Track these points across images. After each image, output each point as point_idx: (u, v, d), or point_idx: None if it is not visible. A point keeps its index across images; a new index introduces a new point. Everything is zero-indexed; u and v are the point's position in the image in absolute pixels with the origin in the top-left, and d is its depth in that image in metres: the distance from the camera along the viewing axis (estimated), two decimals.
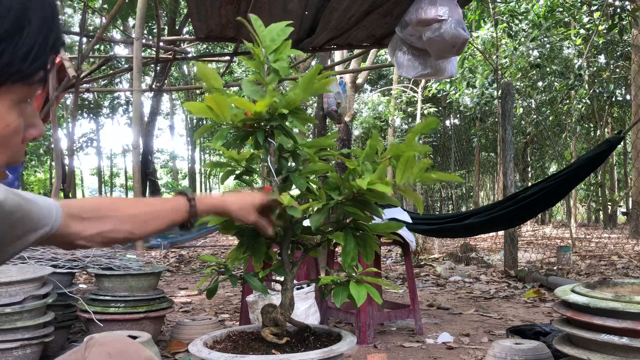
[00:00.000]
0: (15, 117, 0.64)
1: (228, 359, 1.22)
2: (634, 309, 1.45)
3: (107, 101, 18.16)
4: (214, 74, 1.28)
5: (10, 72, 0.60)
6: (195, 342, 1.36)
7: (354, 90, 9.55)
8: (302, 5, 3.73)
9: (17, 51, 0.59)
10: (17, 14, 0.59)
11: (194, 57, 7.43)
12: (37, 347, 2.42)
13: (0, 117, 0.62)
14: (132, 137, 4.09)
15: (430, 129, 1.27)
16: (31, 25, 0.60)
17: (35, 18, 0.60)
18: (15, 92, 0.62)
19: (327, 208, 1.28)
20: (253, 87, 1.32)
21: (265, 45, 1.29)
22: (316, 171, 1.37)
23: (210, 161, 3.14)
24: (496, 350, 2.08)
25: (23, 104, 0.64)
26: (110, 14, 4.47)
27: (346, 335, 1.38)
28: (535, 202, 3.52)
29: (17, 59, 0.59)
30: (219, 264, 1.41)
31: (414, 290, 3.31)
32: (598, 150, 3.21)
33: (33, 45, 0.60)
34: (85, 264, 2.92)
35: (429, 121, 1.27)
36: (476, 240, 9.62)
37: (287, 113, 1.27)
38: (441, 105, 14.80)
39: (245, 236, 1.36)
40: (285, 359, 1.21)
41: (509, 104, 5.44)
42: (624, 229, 12.01)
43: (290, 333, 1.41)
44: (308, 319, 2.83)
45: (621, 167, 18.53)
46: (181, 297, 4.78)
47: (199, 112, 1.27)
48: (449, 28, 3.23)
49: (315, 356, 1.22)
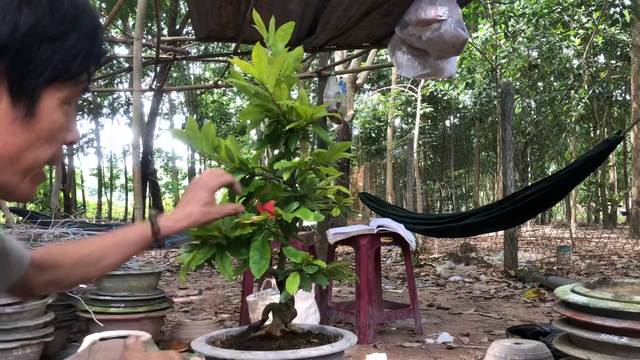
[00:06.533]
0: (61, 115, 0.69)
1: (233, 354, 1.22)
2: (634, 308, 1.45)
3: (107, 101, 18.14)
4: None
5: (62, 69, 0.66)
6: (198, 339, 1.37)
7: (354, 90, 9.56)
8: (302, 5, 3.73)
9: (69, 51, 0.66)
10: (71, 18, 0.67)
11: (194, 57, 7.43)
12: (37, 347, 2.42)
13: (49, 113, 0.67)
14: (132, 137, 4.09)
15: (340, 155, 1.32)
16: (81, 30, 0.68)
17: (85, 25, 0.68)
18: (63, 90, 0.68)
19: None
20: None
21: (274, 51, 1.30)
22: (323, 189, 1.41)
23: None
24: (496, 350, 2.08)
25: (67, 107, 0.70)
26: (110, 14, 4.47)
27: (346, 334, 1.38)
28: (535, 202, 3.53)
29: (69, 58, 0.67)
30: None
31: (413, 290, 3.31)
32: (598, 150, 3.21)
33: (82, 48, 0.68)
34: None
35: (339, 145, 1.30)
36: (476, 240, 9.63)
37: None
38: (440, 105, 14.81)
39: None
40: (289, 355, 1.21)
41: (508, 104, 5.45)
42: (623, 229, 12.01)
43: (291, 331, 1.41)
44: (308, 319, 2.83)
45: (621, 167, 18.53)
46: (181, 297, 4.78)
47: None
48: (449, 28, 3.23)
49: (317, 353, 1.23)
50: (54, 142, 0.70)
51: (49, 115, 0.67)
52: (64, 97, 0.68)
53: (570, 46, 10.32)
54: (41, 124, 0.67)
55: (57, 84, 0.67)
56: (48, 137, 0.68)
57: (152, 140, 12.58)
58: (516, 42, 10.04)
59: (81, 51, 0.67)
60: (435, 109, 14.68)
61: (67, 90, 0.68)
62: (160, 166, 28.80)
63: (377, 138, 16.43)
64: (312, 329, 1.49)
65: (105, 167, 27.81)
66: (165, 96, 18.54)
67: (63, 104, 0.69)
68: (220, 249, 1.27)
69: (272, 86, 1.25)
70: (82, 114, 15.75)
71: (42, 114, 0.67)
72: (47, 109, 0.67)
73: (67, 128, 0.72)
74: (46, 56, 0.64)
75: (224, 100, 21.98)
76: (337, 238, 3.31)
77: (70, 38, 0.66)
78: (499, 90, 6.39)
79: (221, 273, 1.26)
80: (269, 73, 1.24)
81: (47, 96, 0.67)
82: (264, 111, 1.31)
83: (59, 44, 0.65)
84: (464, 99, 11.52)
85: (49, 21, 0.64)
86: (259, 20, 1.30)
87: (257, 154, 1.42)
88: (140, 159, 5.05)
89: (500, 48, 9.86)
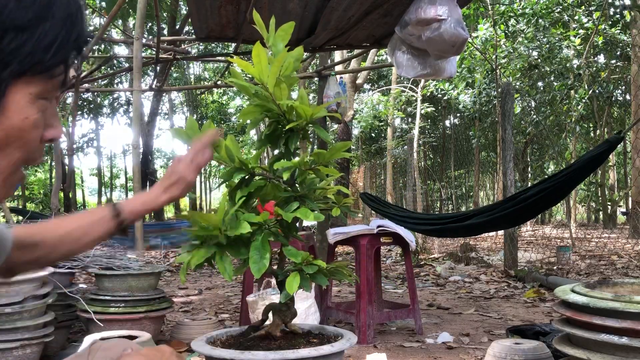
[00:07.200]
0: (35, 112, 0.63)
1: (233, 354, 1.22)
2: (634, 308, 1.45)
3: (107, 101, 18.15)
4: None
5: (32, 62, 0.60)
6: (198, 339, 1.37)
7: (354, 90, 9.56)
8: (302, 5, 3.73)
9: (40, 42, 0.60)
10: (41, 5, 0.60)
11: (194, 57, 7.43)
12: (37, 347, 2.42)
13: (19, 109, 0.62)
14: (132, 137, 4.09)
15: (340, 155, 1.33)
16: (54, 18, 0.61)
17: (59, 12, 0.61)
18: (35, 84, 0.62)
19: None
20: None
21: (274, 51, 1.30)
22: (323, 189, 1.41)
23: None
24: (496, 350, 2.08)
25: (43, 101, 0.65)
26: (110, 14, 4.47)
27: (346, 334, 1.38)
28: (536, 203, 3.52)
29: (39, 49, 0.60)
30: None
31: (413, 290, 3.31)
32: (598, 151, 3.21)
33: (55, 38, 0.61)
34: (85, 264, 2.92)
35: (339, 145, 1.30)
36: (476, 240, 9.62)
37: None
38: (440, 105, 14.81)
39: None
40: (289, 355, 1.22)
41: (508, 104, 5.44)
42: (623, 229, 12.01)
43: (291, 331, 1.41)
44: (308, 318, 2.83)
45: (621, 167, 18.53)
46: (181, 297, 4.78)
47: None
48: (449, 28, 3.23)
49: (317, 353, 1.23)
50: (27, 140, 0.64)
51: (19, 112, 0.62)
52: (38, 92, 0.63)
53: (570, 46, 10.33)
54: (10, 120, 0.61)
55: (27, 78, 0.61)
56: (19, 135, 0.63)
57: (152, 140, 12.58)
58: (516, 42, 10.04)
59: (55, 41, 0.61)
60: (435, 109, 14.68)
61: (40, 84, 0.62)
62: (160, 166, 28.79)
63: (377, 138, 16.44)
64: (312, 329, 1.49)
65: (105, 167, 27.83)
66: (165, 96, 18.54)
67: (37, 99, 0.63)
68: (220, 248, 1.27)
69: (272, 86, 1.25)
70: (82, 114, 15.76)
71: (10, 110, 0.61)
72: (17, 105, 0.61)
73: (47, 125, 0.66)
74: (11, 48, 0.58)
75: (224, 100, 21.99)
76: (337, 238, 3.31)
77: (40, 27, 0.59)
78: (499, 90, 6.40)
79: (221, 273, 1.26)
80: (269, 73, 1.24)
81: (15, 91, 0.61)
82: (264, 111, 1.31)
83: (27, 33, 0.59)
84: (464, 98, 11.52)
85: (14, 7, 0.58)
86: (259, 20, 1.30)
87: (257, 154, 1.41)
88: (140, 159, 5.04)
89: (500, 48, 9.87)
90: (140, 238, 3.45)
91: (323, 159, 1.32)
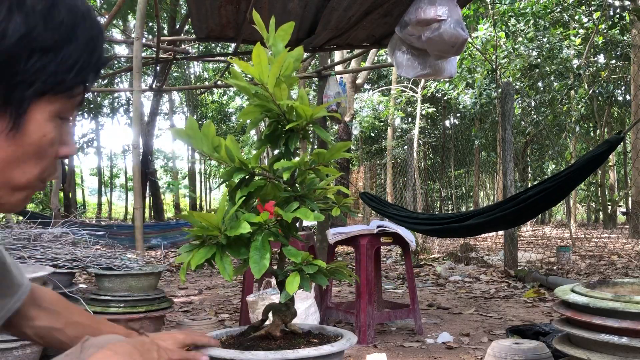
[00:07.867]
0: (52, 129, 0.65)
1: (233, 354, 1.22)
2: (634, 308, 1.45)
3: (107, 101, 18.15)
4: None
5: (54, 82, 0.62)
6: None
7: (354, 90, 9.56)
8: (302, 5, 3.73)
9: (63, 63, 0.62)
10: (67, 28, 0.62)
11: (194, 57, 7.43)
12: (37, 347, 2.42)
13: (38, 127, 0.64)
14: (132, 137, 4.09)
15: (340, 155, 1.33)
16: (78, 41, 0.63)
17: (83, 35, 0.64)
18: (55, 103, 0.64)
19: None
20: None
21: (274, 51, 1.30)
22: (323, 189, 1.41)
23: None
24: (496, 350, 2.08)
25: (60, 120, 0.67)
26: (110, 14, 4.47)
27: (346, 334, 1.38)
28: (536, 203, 3.53)
29: (62, 70, 0.62)
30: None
31: (413, 290, 3.31)
32: (598, 151, 3.21)
33: (78, 60, 0.64)
34: (85, 264, 2.92)
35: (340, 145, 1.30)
36: (476, 240, 9.63)
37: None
38: (440, 105, 14.81)
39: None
40: (289, 355, 1.22)
41: (508, 104, 5.45)
42: (623, 229, 12.01)
43: (291, 331, 1.41)
44: (308, 319, 2.84)
45: (621, 167, 18.54)
46: (181, 297, 4.78)
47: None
48: (448, 28, 3.24)
49: (317, 353, 1.23)
50: (44, 157, 0.66)
51: (38, 129, 0.64)
52: (57, 111, 0.65)
53: (571, 46, 10.33)
54: (29, 137, 0.63)
55: (48, 97, 0.63)
56: (37, 152, 0.65)
57: (152, 140, 12.59)
58: (516, 42, 10.04)
59: (77, 63, 0.63)
60: (436, 109, 14.69)
61: (60, 103, 0.65)
62: (160, 166, 28.81)
63: (377, 138, 16.44)
64: (312, 329, 1.49)
65: (105, 166, 27.83)
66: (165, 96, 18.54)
67: (55, 118, 0.65)
68: (220, 248, 1.27)
69: (272, 86, 1.25)
70: (82, 113, 15.76)
71: (30, 128, 0.63)
72: (36, 123, 0.63)
73: (60, 142, 0.68)
74: (36, 68, 0.60)
75: (224, 100, 21.99)
76: (337, 238, 3.31)
77: (65, 49, 0.62)
78: (499, 90, 6.40)
79: (221, 273, 1.26)
80: (269, 73, 1.24)
81: (36, 109, 0.63)
82: (264, 111, 1.31)
83: (51, 55, 0.61)
84: (464, 99, 11.53)
85: (42, 30, 0.60)
86: (259, 20, 1.30)
87: (257, 154, 1.41)
88: (140, 159, 5.05)
89: (500, 48, 9.87)
90: (140, 238, 3.46)
91: (323, 159, 1.31)
